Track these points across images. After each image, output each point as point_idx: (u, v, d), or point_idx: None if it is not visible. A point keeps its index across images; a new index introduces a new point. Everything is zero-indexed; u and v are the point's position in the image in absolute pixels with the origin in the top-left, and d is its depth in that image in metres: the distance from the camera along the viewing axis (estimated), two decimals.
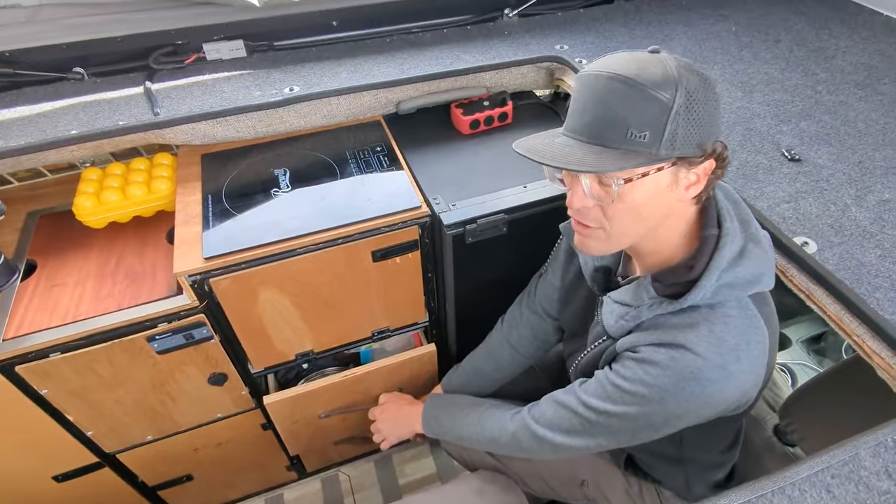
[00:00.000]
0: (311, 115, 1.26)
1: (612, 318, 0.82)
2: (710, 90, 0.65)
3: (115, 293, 1.07)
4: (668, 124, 0.63)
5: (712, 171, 0.70)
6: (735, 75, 1.26)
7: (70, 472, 1.27)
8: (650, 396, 0.74)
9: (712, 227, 0.74)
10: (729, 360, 0.70)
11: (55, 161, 1.16)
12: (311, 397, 1.29)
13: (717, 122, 0.67)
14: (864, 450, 0.62)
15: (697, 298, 0.71)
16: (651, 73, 0.64)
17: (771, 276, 0.76)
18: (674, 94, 0.63)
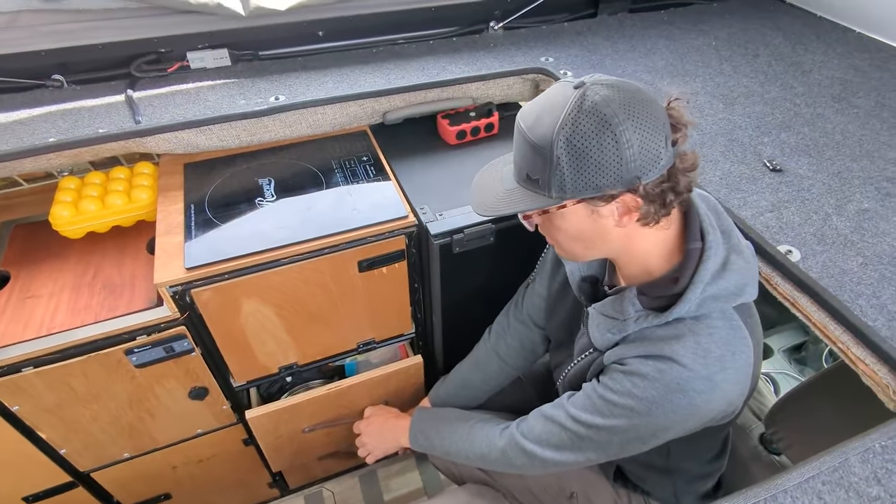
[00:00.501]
0: (297, 124, 1.25)
1: (598, 330, 0.83)
2: (607, 135, 0.65)
3: (92, 305, 1.04)
4: (553, 173, 0.68)
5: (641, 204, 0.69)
6: (717, 88, 1.28)
7: (41, 492, 1.22)
8: (638, 409, 0.75)
9: (695, 241, 0.75)
10: (715, 371, 0.71)
11: (32, 169, 1.13)
12: (294, 411, 1.27)
13: (619, 165, 0.66)
14: (853, 456, 0.62)
15: (683, 311, 0.72)
16: (543, 123, 0.68)
17: (754, 286, 0.76)
18: (552, 150, 0.67)
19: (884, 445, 0.63)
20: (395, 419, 1.23)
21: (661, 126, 0.66)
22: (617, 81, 0.68)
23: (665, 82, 1.29)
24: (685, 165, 0.70)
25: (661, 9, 1.69)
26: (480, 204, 0.79)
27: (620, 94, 0.66)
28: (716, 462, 1.04)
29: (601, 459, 0.85)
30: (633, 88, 0.67)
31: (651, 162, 0.66)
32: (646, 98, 0.67)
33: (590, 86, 0.67)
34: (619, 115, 0.64)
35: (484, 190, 0.80)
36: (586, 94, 0.66)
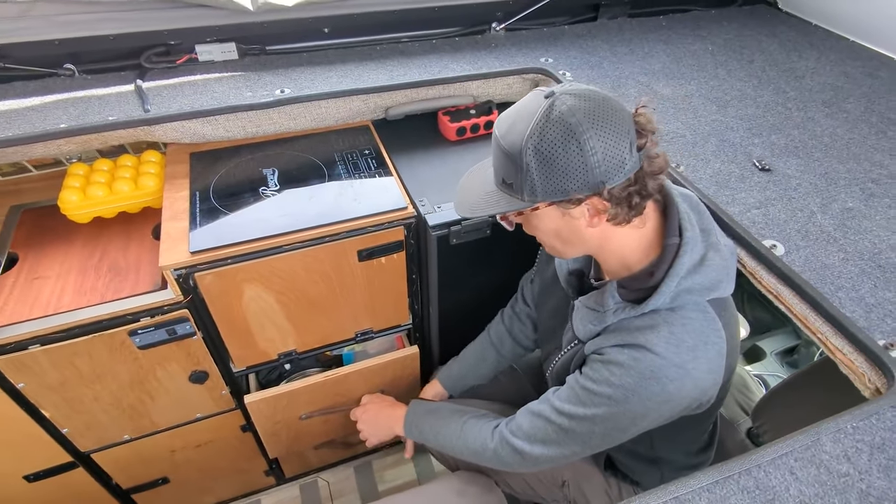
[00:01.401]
0: (301, 117, 1.28)
1: (580, 322, 0.87)
2: (572, 145, 0.69)
3: (98, 287, 1.07)
4: (525, 178, 0.73)
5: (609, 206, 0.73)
6: (711, 91, 1.32)
7: (42, 471, 1.24)
8: (615, 396, 0.78)
9: (673, 237, 0.78)
10: (687, 360, 0.75)
11: (42, 155, 1.17)
12: (292, 397, 1.29)
13: (584, 171, 0.70)
14: (826, 435, 0.65)
15: (658, 303, 0.76)
16: (514, 131, 0.73)
17: (729, 282, 0.81)
18: (521, 157, 0.72)
19: (855, 427, 0.66)
20: (390, 408, 1.25)
21: (625, 133, 0.71)
22: (585, 91, 0.72)
23: (660, 84, 1.33)
24: (653, 169, 0.74)
25: (660, 14, 1.73)
26: (461, 204, 0.85)
27: (586, 104, 0.70)
28: (702, 454, 1.07)
29: (585, 452, 0.88)
30: (599, 98, 0.72)
31: (615, 167, 0.70)
32: (612, 107, 0.71)
33: (559, 95, 0.71)
34: (584, 123, 0.69)
35: (466, 191, 0.86)
36: (554, 104, 0.71)
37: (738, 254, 0.91)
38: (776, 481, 0.60)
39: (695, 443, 1.05)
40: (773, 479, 0.61)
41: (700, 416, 0.88)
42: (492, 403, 1.23)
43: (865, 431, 0.66)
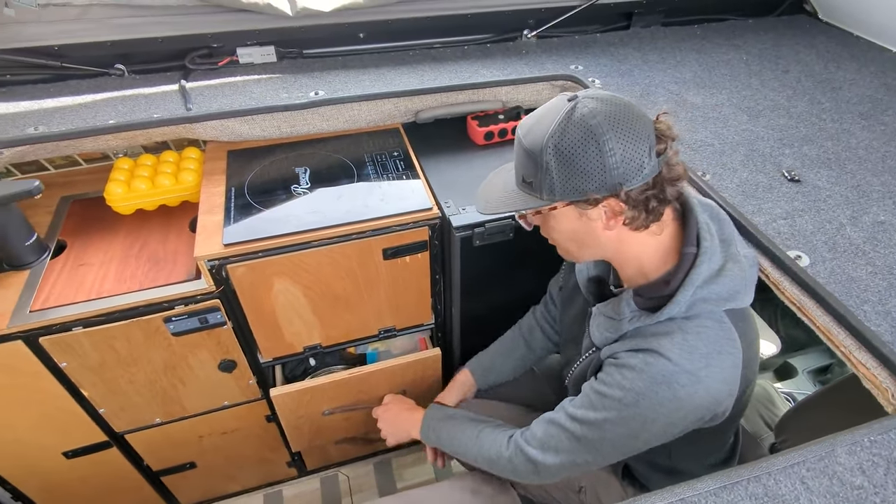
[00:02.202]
0: (334, 118, 1.33)
1: (597, 330, 0.88)
2: (592, 145, 0.71)
3: (137, 275, 1.13)
4: (544, 176, 0.74)
5: (626, 209, 0.74)
6: (742, 100, 1.30)
7: (80, 448, 1.31)
8: (626, 400, 0.78)
9: (691, 246, 0.79)
10: (699, 367, 0.75)
11: (92, 149, 1.24)
12: (316, 392, 1.33)
13: (602, 172, 0.71)
14: (841, 447, 0.64)
15: (674, 312, 0.77)
16: (536, 132, 0.75)
17: (748, 293, 0.80)
18: (541, 156, 0.73)
19: (873, 440, 0.65)
20: (409, 411, 1.26)
21: (645, 137, 0.72)
22: (608, 96, 0.74)
23: (691, 93, 1.32)
24: (672, 175, 0.75)
25: (695, 23, 1.72)
26: (482, 201, 0.87)
27: (608, 107, 0.72)
28: (722, 467, 1.06)
29: (598, 462, 0.88)
30: (621, 103, 0.73)
31: (634, 170, 0.71)
32: (632, 112, 0.73)
33: (581, 99, 0.73)
34: (604, 126, 0.71)
35: (488, 190, 0.88)
36: (576, 107, 0.73)
37: (761, 264, 0.91)
38: (786, 490, 0.60)
39: (714, 455, 1.04)
40: (783, 488, 0.60)
41: (717, 427, 0.87)
42: (511, 408, 1.24)
43: (883, 445, 0.65)
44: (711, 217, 0.83)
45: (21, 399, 1.15)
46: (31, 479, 1.35)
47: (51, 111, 1.20)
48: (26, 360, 1.08)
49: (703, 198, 0.89)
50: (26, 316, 1.04)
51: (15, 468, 1.30)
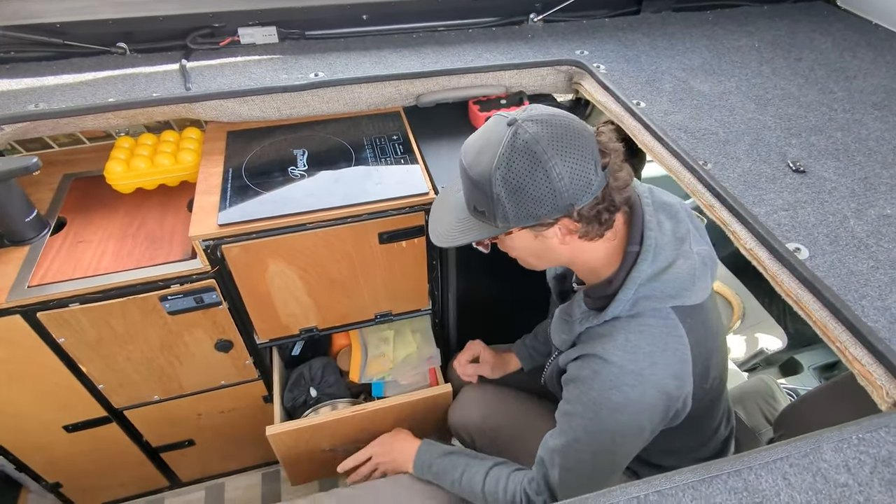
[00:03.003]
0: (334, 101, 1.32)
1: (555, 332, 0.90)
2: (539, 173, 0.70)
3: (134, 253, 1.14)
4: (496, 207, 0.74)
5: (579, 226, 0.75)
6: (751, 88, 1.27)
7: (80, 423, 1.33)
8: (585, 414, 0.80)
9: (634, 244, 0.80)
10: (643, 367, 0.76)
11: (93, 127, 1.24)
12: (315, 431, 1.27)
13: (553, 196, 0.71)
14: (828, 444, 0.63)
15: (617, 311, 0.78)
16: (481, 162, 0.74)
17: (697, 291, 0.80)
18: (490, 188, 0.73)
19: (861, 438, 0.63)
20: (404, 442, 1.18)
21: (589, 155, 0.72)
22: (547, 116, 0.73)
23: (698, 80, 1.29)
24: (618, 184, 0.75)
25: (707, 9, 1.67)
26: (436, 234, 0.87)
27: (549, 130, 0.71)
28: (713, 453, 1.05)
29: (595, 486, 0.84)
30: (561, 122, 0.73)
31: (583, 189, 0.72)
32: (574, 130, 0.73)
33: (521, 123, 0.73)
34: (549, 150, 0.70)
35: (439, 220, 0.88)
36: (518, 133, 0.72)
37: (758, 256, 0.89)
38: (766, 485, 0.59)
39: (699, 450, 1.03)
40: (764, 483, 0.59)
41: (689, 423, 0.88)
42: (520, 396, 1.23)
43: (872, 444, 0.63)
44: (669, 216, 0.84)
45: (21, 373, 1.16)
46: (34, 452, 1.38)
47: (52, 88, 1.21)
48: (25, 334, 1.09)
49: (668, 197, 0.89)
50: (25, 291, 1.05)
51: (17, 441, 1.33)
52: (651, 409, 0.78)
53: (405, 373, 1.45)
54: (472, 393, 1.28)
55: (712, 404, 0.93)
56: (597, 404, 0.78)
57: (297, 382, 1.40)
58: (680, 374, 0.79)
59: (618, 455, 0.83)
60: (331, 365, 1.46)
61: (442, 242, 0.85)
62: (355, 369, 1.45)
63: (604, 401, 0.77)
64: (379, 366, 1.44)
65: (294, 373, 1.43)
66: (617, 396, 0.77)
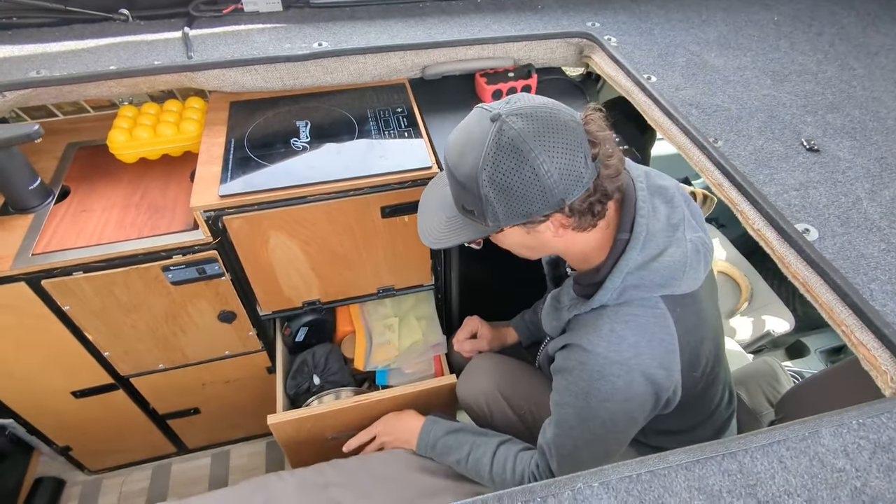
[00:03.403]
0: (338, 71, 1.29)
1: (545, 318, 0.90)
2: (526, 169, 0.68)
3: (137, 223, 1.14)
4: (486, 207, 0.73)
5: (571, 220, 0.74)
6: (768, 63, 1.23)
7: (88, 389, 1.35)
8: (575, 404, 0.80)
9: (624, 232, 0.78)
10: (629, 357, 0.76)
11: (96, 95, 1.23)
12: (318, 420, 1.25)
13: (543, 193, 0.70)
14: (826, 428, 0.62)
15: (604, 299, 0.77)
16: (466, 163, 0.72)
17: (688, 279, 0.78)
18: (478, 188, 0.71)
19: (861, 423, 0.63)
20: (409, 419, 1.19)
21: (578, 146, 0.70)
22: (532, 109, 0.71)
23: (713, 54, 1.25)
24: (609, 172, 0.74)
25: None
26: (425, 233, 0.86)
27: (534, 125, 0.69)
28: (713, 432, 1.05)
29: None
30: (546, 114, 0.70)
31: (573, 183, 0.70)
32: (560, 122, 0.70)
33: (505, 118, 0.70)
34: (535, 148, 0.68)
35: (428, 217, 0.87)
36: (502, 129, 0.69)
37: (766, 237, 0.87)
38: (762, 467, 0.58)
39: (695, 430, 1.02)
40: (759, 465, 0.58)
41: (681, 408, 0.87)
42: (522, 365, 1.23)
43: (872, 429, 0.62)
44: (665, 200, 0.81)
45: (29, 339, 1.18)
46: (44, 416, 1.41)
47: (54, 55, 1.20)
48: (31, 301, 1.10)
49: (664, 181, 0.86)
50: (29, 259, 1.06)
51: (28, 405, 1.36)
52: (640, 398, 0.78)
53: (410, 361, 1.44)
54: (483, 363, 1.25)
55: (706, 390, 0.92)
56: (586, 394, 0.78)
57: (300, 370, 1.39)
58: (667, 363, 0.78)
59: (611, 442, 0.83)
60: (335, 352, 1.46)
61: (432, 244, 0.85)
62: (360, 357, 1.44)
63: (592, 390, 0.77)
64: (384, 353, 1.44)
65: (297, 359, 1.43)
66: (605, 386, 0.76)
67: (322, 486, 1.12)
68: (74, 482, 1.68)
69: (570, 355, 0.80)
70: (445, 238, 0.82)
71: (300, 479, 1.14)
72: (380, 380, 1.44)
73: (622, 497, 0.55)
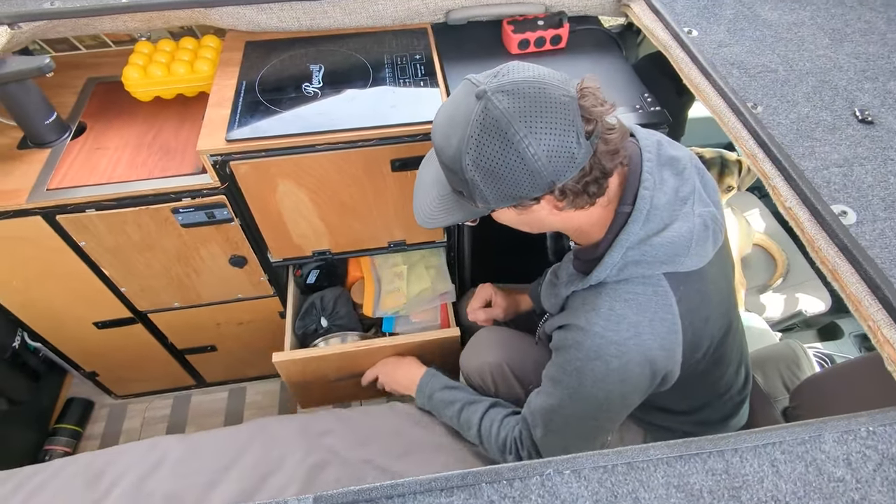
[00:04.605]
0: (356, 13, 1.23)
1: (544, 294, 0.86)
2: (513, 155, 0.65)
3: (148, 163, 1.13)
4: (473, 189, 0.70)
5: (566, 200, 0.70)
6: (828, 20, 1.09)
7: (108, 321, 1.41)
8: (570, 382, 0.78)
9: (626, 205, 0.73)
10: (627, 337, 0.72)
11: (111, 30, 1.21)
12: (322, 361, 1.28)
13: (531, 176, 0.66)
14: (831, 433, 0.57)
15: (602, 275, 0.73)
16: (451, 145, 0.68)
17: (693, 256, 0.73)
18: (463, 171, 0.68)
19: (871, 431, 0.57)
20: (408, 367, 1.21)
21: (569, 125, 0.64)
22: (519, 84, 0.65)
23: (766, 7, 1.12)
24: (609, 148, 0.68)
25: None
26: (418, 210, 0.83)
27: (520, 103, 0.64)
28: (719, 424, 1.01)
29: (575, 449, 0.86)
30: (535, 91, 0.64)
31: (565, 164, 0.65)
32: (550, 98, 0.64)
33: (490, 96, 0.65)
34: (521, 129, 0.63)
35: (422, 191, 0.84)
36: (487, 108, 0.64)
37: (798, 217, 0.79)
38: (750, 469, 0.54)
39: (700, 412, 0.98)
40: (748, 467, 0.55)
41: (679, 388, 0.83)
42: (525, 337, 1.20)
43: (882, 438, 0.57)
44: (675, 172, 0.75)
45: (50, 271, 1.22)
46: (70, 343, 1.48)
47: None
48: (48, 236, 1.13)
49: (676, 151, 0.79)
50: (44, 193, 1.07)
51: (54, 332, 1.43)
52: (636, 379, 0.75)
53: (418, 309, 1.44)
54: (489, 335, 1.23)
55: (709, 371, 0.88)
56: (581, 373, 0.75)
57: (309, 311, 1.41)
58: (668, 344, 0.74)
59: (602, 421, 0.81)
60: (344, 296, 1.46)
61: (424, 223, 0.81)
62: (369, 303, 1.44)
63: (587, 371, 0.74)
64: (393, 301, 1.43)
65: (307, 301, 1.44)
66: (600, 367, 0.73)
67: (320, 434, 1.14)
68: (103, 404, 1.78)
69: (568, 335, 0.77)
70: (438, 217, 0.80)
71: (301, 424, 1.17)
72: (386, 327, 1.45)
73: (593, 487, 0.53)
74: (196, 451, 1.12)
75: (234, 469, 1.09)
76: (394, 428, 1.15)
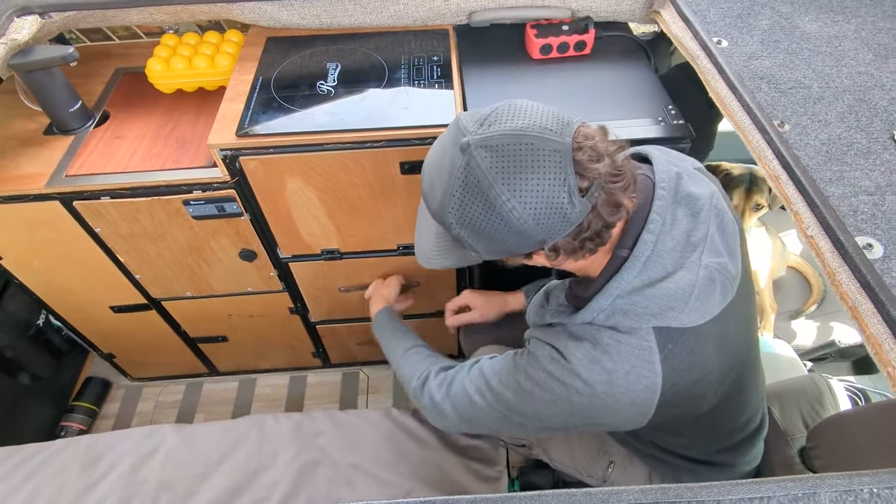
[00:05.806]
0: (378, 12, 1.21)
1: (531, 308, 0.83)
2: (496, 218, 0.61)
3: (163, 154, 1.15)
4: (463, 243, 0.67)
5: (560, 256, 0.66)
6: (874, 34, 1.01)
7: (124, 306, 1.44)
8: (524, 385, 0.75)
9: (625, 248, 0.68)
10: (598, 382, 0.68)
11: (139, 22, 1.23)
12: (332, 267, 1.36)
13: (518, 237, 0.62)
14: (827, 492, 0.52)
15: (588, 319, 0.69)
16: (434, 197, 0.66)
17: (691, 312, 0.67)
18: (450, 228, 0.66)
19: (874, 492, 0.52)
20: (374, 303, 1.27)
21: (559, 185, 0.59)
22: (504, 138, 0.60)
23: (807, 18, 1.05)
24: (613, 200, 0.62)
25: None
26: (418, 246, 0.82)
27: (503, 162, 0.59)
28: (730, 453, 0.95)
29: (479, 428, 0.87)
30: (520, 146, 0.59)
31: (556, 224, 0.61)
32: (536, 155, 0.59)
33: (474, 151, 0.60)
34: (503, 193, 0.59)
35: (423, 223, 0.81)
36: (469, 165, 0.61)
37: (819, 247, 0.73)
38: None
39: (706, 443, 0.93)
40: None
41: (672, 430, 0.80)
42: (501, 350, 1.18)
43: (888, 502, 0.52)
44: (690, 213, 0.68)
45: (69, 254, 1.25)
46: (88, 325, 1.52)
47: None
48: (66, 220, 1.16)
49: (698, 188, 0.71)
50: (63, 179, 1.10)
51: (73, 314, 1.47)
52: (590, 419, 0.72)
53: None
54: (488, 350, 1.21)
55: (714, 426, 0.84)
56: (539, 386, 0.72)
57: None
58: (641, 402, 0.69)
59: (529, 429, 0.81)
60: None
61: (424, 262, 0.79)
62: None
63: (547, 386, 0.71)
64: None
65: None
66: (561, 392, 0.70)
67: (313, 434, 1.14)
68: (120, 385, 1.83)
69: (546, 347, 0.73)
70: (433, 258, 0.77)
71: (296, 423, 1.17)
72: None
73: None
74: (192, 443, 1.13)
75: (227, 463, 1.10)
76: (387, 435, 1.14)
